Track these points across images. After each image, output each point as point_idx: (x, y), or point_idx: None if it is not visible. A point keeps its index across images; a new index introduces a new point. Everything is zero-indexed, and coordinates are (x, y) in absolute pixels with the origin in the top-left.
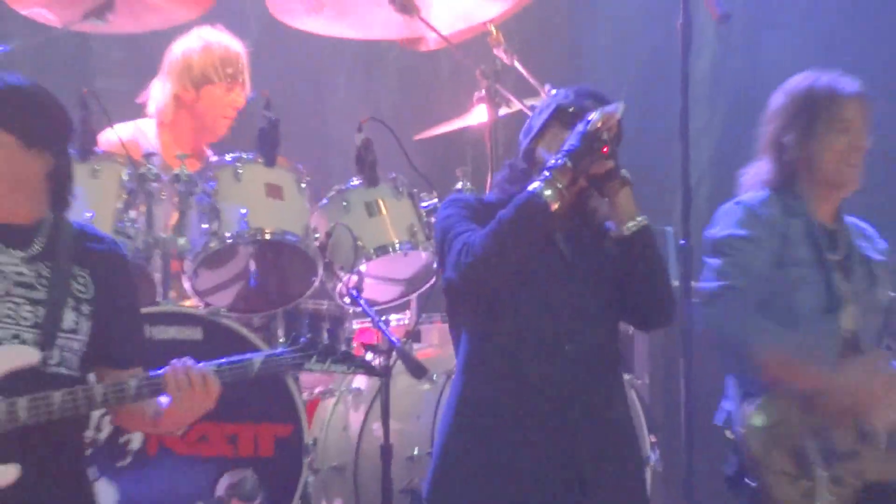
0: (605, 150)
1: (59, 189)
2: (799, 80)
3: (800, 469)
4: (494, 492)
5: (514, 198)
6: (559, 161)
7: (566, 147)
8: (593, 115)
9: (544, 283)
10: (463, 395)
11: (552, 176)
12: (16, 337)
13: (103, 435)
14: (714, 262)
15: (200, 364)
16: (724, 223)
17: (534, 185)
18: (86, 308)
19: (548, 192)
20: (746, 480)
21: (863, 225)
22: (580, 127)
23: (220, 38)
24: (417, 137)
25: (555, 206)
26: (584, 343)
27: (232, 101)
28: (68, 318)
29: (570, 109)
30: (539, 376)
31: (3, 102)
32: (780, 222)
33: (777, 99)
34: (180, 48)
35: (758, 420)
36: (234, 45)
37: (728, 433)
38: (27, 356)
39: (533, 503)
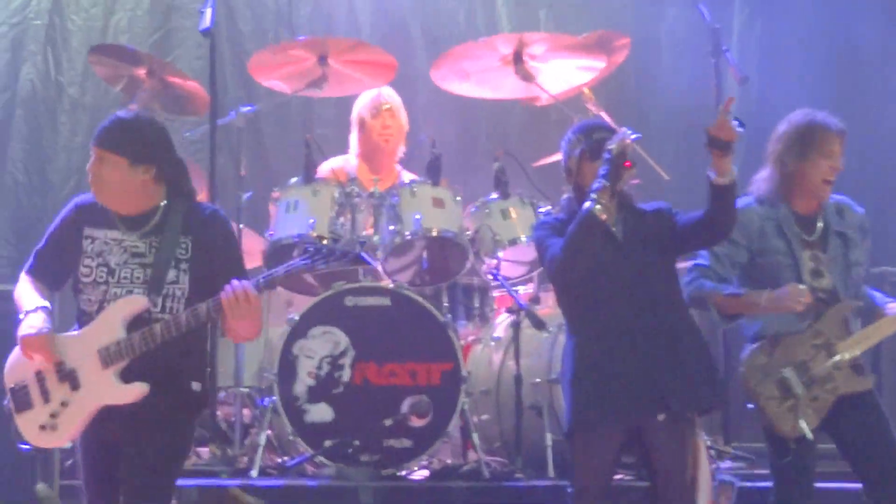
0: (627, 164)
1: (170, 182)
2: (800, 115)
3: (783, 393)
4: (610, 407)
5: (576, 215)
6: (599, 185)
7: (601, 173)
8: (612, 146)
9: (610, 263)
10: (575, 349)
11: (597, 196)
12: (129, 293)
13: (324, 372)
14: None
15: (244, 282)
16: None
17: (586, 205)
18: (184, 265)
19: (596, 207)
20: (748, 405)
21: (842, 202)
22: (606, 155)
23: (371, 91)
24: (535, 165)
25: (603, 217)
26: (649, 297)
27: (381, 127)
28: (171, 274)
29: (589, 150)
30: (623, 329)
31: (112, 132)
32: (756, 223)
33: (782, 126)
34: (354, 106)
35: (751, 361)
36: (381, 91)
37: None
38: (138, 303)
39: (633, 411)
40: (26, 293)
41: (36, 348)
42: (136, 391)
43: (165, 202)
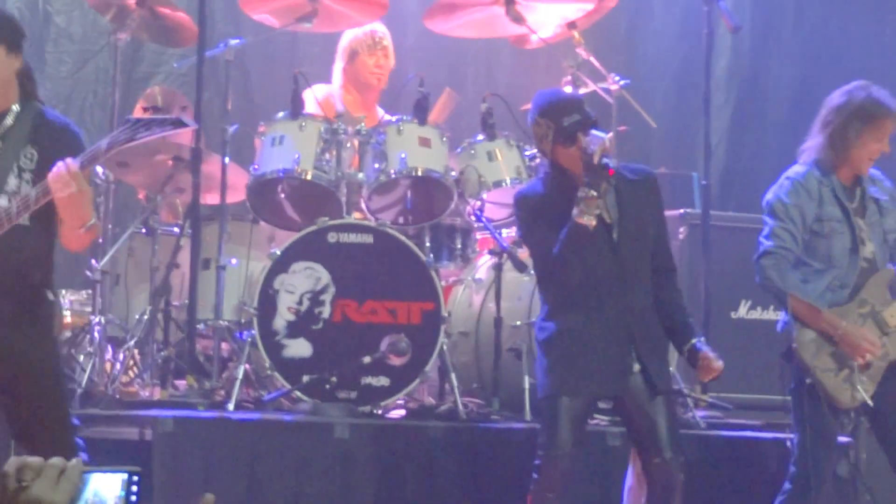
0: (611, 172)
1: (24, 82)
2: (857, 87)
3: (838, 364)
4: (582, 372)
5: (558, 193)
6: (584, 195)
7: (585, 181)
8: (594, 149)
9: (598, 251)
10: (551, 318)
11: (585, 207)
12: None
13: (304, 308)
14: (771, 223)
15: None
16: (776, 192)
17: (574, 213)
18: (27, 176)
19: (585, 218)
20: (806, 381)
21: (872, 174)
22: (586, 158)
23: (368, 25)
24: (523, 108)
25: (592, 224)
26: (629, 277)
27: (375, 65)
28: (12, 182)
29: (563, 138)
30: (605, 310)
31: None
32: (815, 190)
33: (840, 98)
34: (343, 36)
35: (802, 336)
36: (376, 28)
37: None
38: None
39: (612, 382)
40: None
41: None
42: None
43: (17, 105)
